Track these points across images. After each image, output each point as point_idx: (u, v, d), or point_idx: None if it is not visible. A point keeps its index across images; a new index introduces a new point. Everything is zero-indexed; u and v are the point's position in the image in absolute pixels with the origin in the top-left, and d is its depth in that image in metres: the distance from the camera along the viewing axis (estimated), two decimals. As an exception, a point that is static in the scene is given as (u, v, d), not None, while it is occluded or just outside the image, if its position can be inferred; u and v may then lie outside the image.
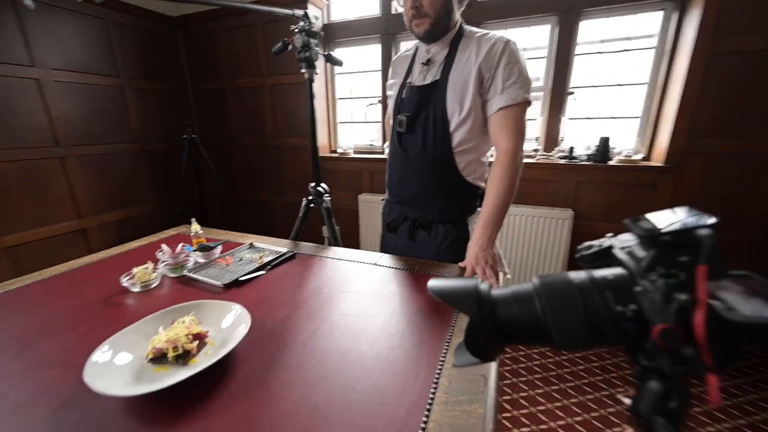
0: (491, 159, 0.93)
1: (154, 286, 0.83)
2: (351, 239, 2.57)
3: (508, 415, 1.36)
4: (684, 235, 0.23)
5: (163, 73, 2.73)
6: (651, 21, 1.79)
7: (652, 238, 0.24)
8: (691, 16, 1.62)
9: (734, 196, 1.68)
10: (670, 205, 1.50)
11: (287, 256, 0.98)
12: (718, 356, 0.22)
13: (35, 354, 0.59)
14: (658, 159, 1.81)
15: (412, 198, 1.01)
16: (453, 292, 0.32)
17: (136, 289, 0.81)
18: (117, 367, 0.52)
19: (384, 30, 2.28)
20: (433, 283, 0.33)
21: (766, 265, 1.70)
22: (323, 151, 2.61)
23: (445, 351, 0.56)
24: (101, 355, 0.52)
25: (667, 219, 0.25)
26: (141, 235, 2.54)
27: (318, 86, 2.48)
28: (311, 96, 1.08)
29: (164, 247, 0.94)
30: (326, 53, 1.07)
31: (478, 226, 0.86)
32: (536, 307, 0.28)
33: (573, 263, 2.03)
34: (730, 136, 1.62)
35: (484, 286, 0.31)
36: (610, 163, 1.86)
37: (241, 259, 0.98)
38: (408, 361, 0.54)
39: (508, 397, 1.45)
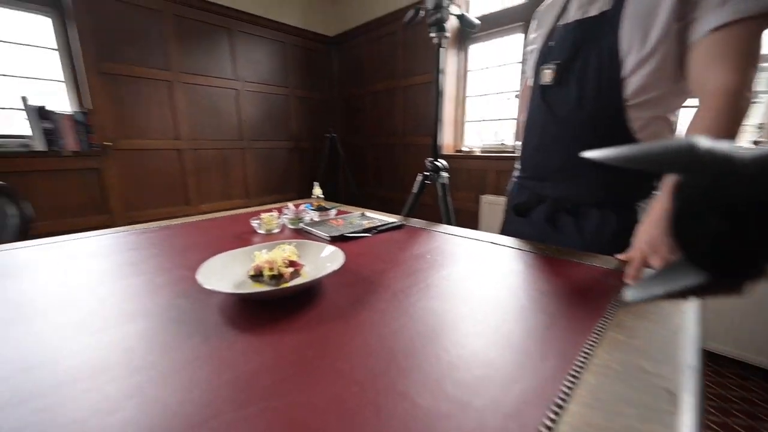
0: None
1: (275, 231, 0.90)
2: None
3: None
4: None
5: (319, 83, 3.22)
6: None
7: None
8: None
9: None
10: None
11: (395, 225, 0.93)
12: None
13: (180, 260, 0.69)
14: None
15: (555, 171, 0.79)
16: (657, 152, 0.17)
17: (261, 231, 0.89)
18: (223, 275, 0.54)
19: (528, 18, 2.06)
20: (610, 151, 0.19)
21: None
22: (447, 150, 2.53)
23: (591, 344, 0.38)
24: (214, 261, 0.56)
25: None
26: None
27: (449, 85, 2.44)
28: (437, 63, 1.01)
29: (290, 205, 1.03)
30: (460, 14, 0.99)
31: (660, 198, 0.59)
32: None
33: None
34: None
35: (708, 144, 0.15)
36: None
37: (351, 223, 0.98)
38: (528, 341, 0.38)
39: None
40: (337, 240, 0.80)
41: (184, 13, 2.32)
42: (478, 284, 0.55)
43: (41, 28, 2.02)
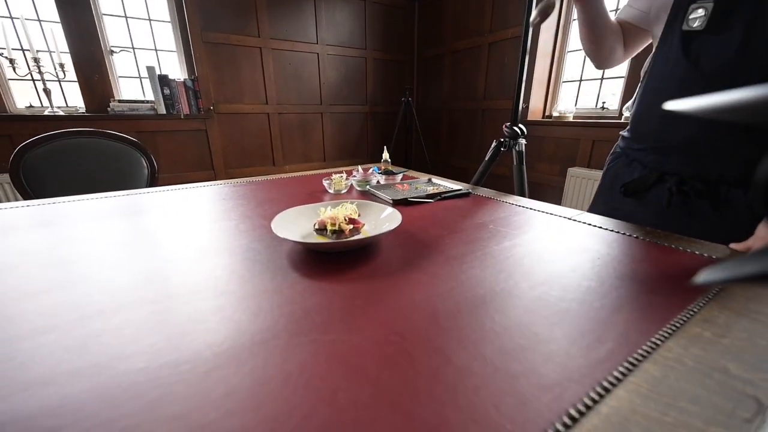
0: None
1: (343, 191, 0.95)
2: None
3: None
4: None
5: (398, 43, 3.12)
6: None
7: None
8: None
9: None
10: None
11: (461, 192, 0.90)
12: None
13: (260, 211, 0.78)
14: None
15: (692, 143, 0.65)
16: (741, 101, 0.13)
17: (330, 191, 0.95)
18: (293, 226, 0.60)
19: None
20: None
21: None
22: (534, 116, 2.28)
23: (664, 335, 0.33)
24: (286, 214, 0.63)
25: None
26: None
27: (544, 38, 2.14)
28: (529, 6, 0.89)
29: (359, 168, 1.07)
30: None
31: None
32: None
33: None
34: None
35: None
36: None
37: (416, 188, 0.98)
38: (586, 321, 0.35)
39: None
40: (399, 204, 0.82)
41: (273, -21, 2.42)
42: (541, 259, 0.51)
43: (155, 2, 2.32)
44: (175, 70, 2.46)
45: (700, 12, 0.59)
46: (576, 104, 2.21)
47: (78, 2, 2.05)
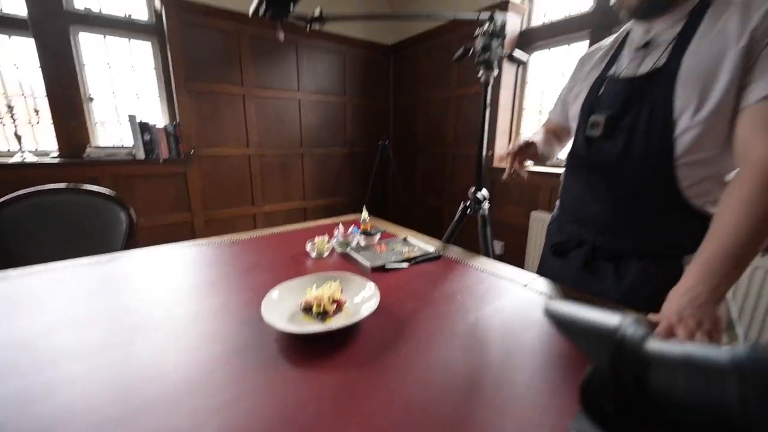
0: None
1: (325, 255, 1.02)
2: (516, 259, 2.34)
3: None
4: None
5: (375, 90, 3.33)
6: None
7: None
8: None
9: None
10: None
11: (432, 256, 0.99)
12: None
13: (248, 282, 0.83)
14: None
15: (596, 218, 0.80)
16: (580, 324, 0.23)
17: (313, 255, 1.02)
18: (282, 306, 0.66)
19: (597, 24, 1.94)
20: (554, 306, 0.25)
21: None
22: (500, 162, 2.49)
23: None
24: (274, 293, 0.69)
25: None
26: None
27: (505, 96, 2.39)
28: (485, 99, 1.04)
29: (340, 226, 1.15)
30: (509, 53, 1.01)
31: (692, 266, 0.57)
32: (728, 390, 0.16)
33: None
34: None
35: (632, 330, 0.20)
36: None
37: (393, 249, 1.06)
38: (537, 408, 0.43)
39: None
40: (377, 270, 0.90)
41: (260, 34, 2.58)
42: (500, 335, 0.60)
43: (139, 53, 2.40)
44: (157, 115, 2.50)
45: (598, 121, 0.74)
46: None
47: (60, 51, 2.09)
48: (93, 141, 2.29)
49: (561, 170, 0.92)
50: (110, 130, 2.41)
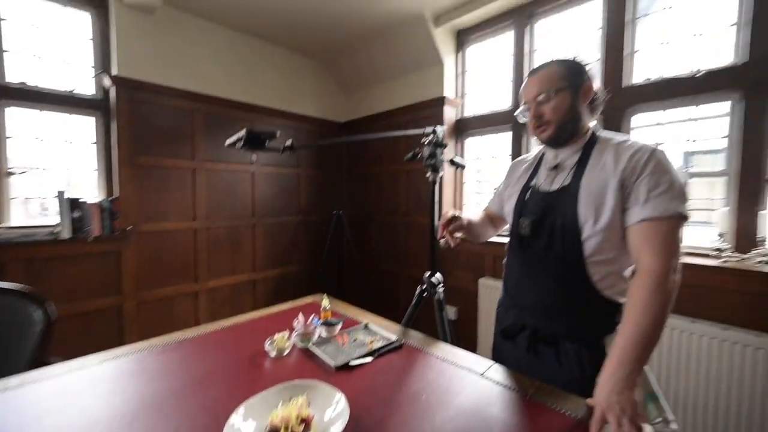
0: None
1: (286, 353, 0.99)
2: (468, 322, 2.43)
3: None
4: None
5: (328, 162, 3.51)
6: None
7: None
8: None
9: None
10: None
11: (395, 345, 1.02)
12: None
13: (202, 399, 0.77)
14: None
15: (533, 305, 0.92)
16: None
17: (273, 354, 0.98)
18: (246, 426, 0.63)
19: (513, 120, 2.35)
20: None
21: None
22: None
23: None
24: (236, 418, 0.65)
25: None
26: (292, 288, 3.04)
27: (449, 172, 2.68)
28: (433, 196, 1.19)
29: (300, 317, 1.13)
30: (450, 159, 1.19)
31: (611, 357, 0.69)
32: None
33: (810, 429, 1.33)
34: None
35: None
36: None
37: (354, 340, 1.07)
38: None
39: None
40: (342, 369, 0.89)
41: (213, 111, 2.66)
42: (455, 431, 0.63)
43: (77, 125, 2.31)
44: (92, 190, 2.33)
45: (526, 224, 0.90)
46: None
47: (-18, 125, 1.93)
48: (5, 220, 2.03)
49: (504, 241, 1.04)
50: (33, 208, 2.17)
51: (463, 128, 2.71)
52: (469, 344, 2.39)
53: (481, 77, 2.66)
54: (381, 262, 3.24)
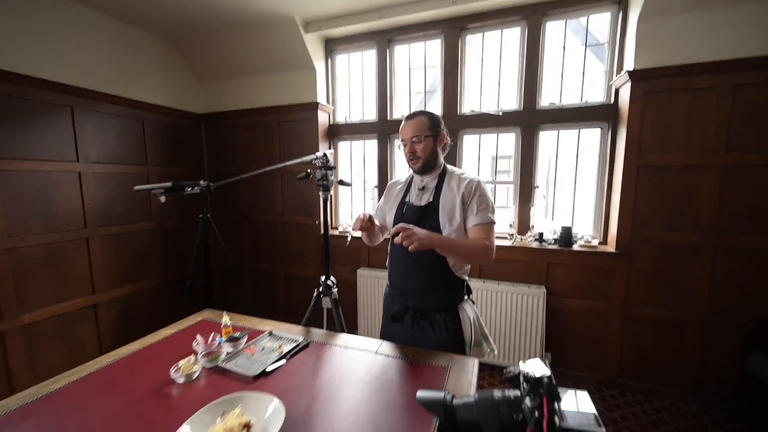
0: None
1: (195, 377, 1.01)
2: (349, 309, 2.73)
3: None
4: (538, 380, 0.47)
5: (185, 159, 3.11)
6: (593, 135, 2.25)
7: (527, 379, 0.48)
8: (620, 136, 2.06)
9: (678, 278, 1.97)
10: (628, 286, 1.74)
11: (302, 345, 1.18)
12: (558, 445, 0.44)
13: (115, 442, 0.75)
14: (611, 245, 2.13)
15: (414, 290, 1.24)
16: (430, 402, 0.54)
17: (181, 381, 0.98)
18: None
19: (381, 131, 2.73)
20: (419, 395, 0.56)
21: (713, 337, 1.93)
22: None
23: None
24: (177, 443, 0.70)
25: (535, 368, 0.49)
26: (145, 309, 2.70)
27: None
28: (325, 211, 1.37)
29: (199, 337, 1.13)
30: (339, 180, 1.40)
31: (435, 235, 1.09)
32: (475, 413, 0.50)
33: (549, 337, 2.23)
34: (667, 229, 1.96)
35: (448, 398, 0.54)
36: (574, 247, 2.17)
37: (263, 348, 1.17)
38: (404, 444, 0.73)
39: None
40: (260, 377, 1.00)
41: (10, 92, 1.98)
42: (372, 405, 0.87)
43: None
44: None
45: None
46: (352, 218, 3.03)
47: None
48: None
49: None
50: None
51: (335, 133, 2.93)
52: (352, 325, 2.71)
53: (350, 86, 2.91)
54: (258, 262, 3.18)
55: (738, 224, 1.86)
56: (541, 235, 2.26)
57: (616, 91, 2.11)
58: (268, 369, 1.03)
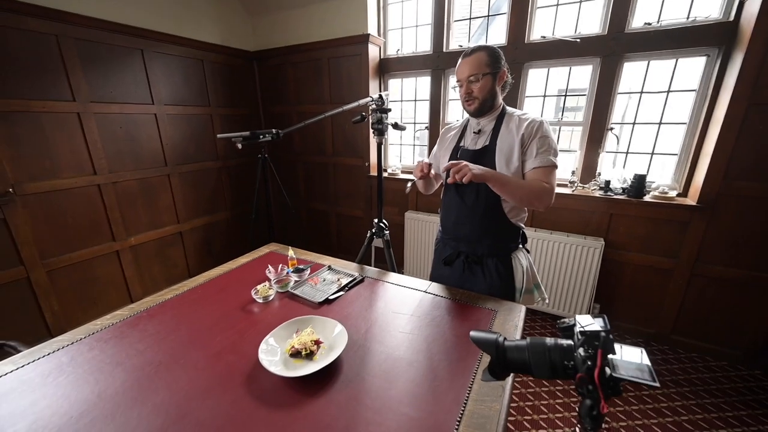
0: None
1: (271, 299, 1.19)
2: (397, 250, 2.87)
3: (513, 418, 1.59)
4: (594, 333, 0.49)
5: (242, 99, 3.22)
6: (694, 65, 1.87)
7: (583, 333, 0.50)
8: (732, 66, 1.69)
9: (762, 238, 1.74)
10: (703, 241, 1.60)
11: (358, 280, 1.30)
12: (605, 393, 0.48)
13: (217, 344, 0.95)
14: (692, 197, 1.89)
15: (466, 236, 1.25)
16: (483, 341, 0.59)
17: (259, 300, 1.17)
18: (273, 357, 0.85)
19: (435, 66, 2.53)
20: (473, 334, 0.61)
21: (805, 305, 1.73)
22: (374, 171, 2.93)
23: (476, 367, 0.83)
24: (263, 347, 0.87)
25: (588, 321, 0.51)
26: (223, 237, 3.04)
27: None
28: (379, 154, 1.38)
29: (270, 267, 1.30)
30: (394, 122, 1.37)
31: (491, 171, 1.06)
32: (526, 355, 0.55)
33: (602, 289, 2.17)
34: (764, 181, 1.68)
35: (500, 339, 0.58)
36: (645, 198, 1.97)
37: (324, 280, 1.31)
38: (452, 370, 0.82)
39: (515, 405, 1.67)
40: (323, 303, 1.14)
41: (88, 36, 2.13)
42: (423, 335, 0.97)
43: None
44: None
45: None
46: (400, 161, 3.01)
47: None
48: None
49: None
50: None
51: (386, 69, 2.78)
52: (399, 265, 2.88)
53: (403, 12, 2.66)
54: (311, 201, 3.38)
55: None
56: (607, 183, 2.08)
57: (740, 5, 1.67)
58: (330, 298, 1.17)
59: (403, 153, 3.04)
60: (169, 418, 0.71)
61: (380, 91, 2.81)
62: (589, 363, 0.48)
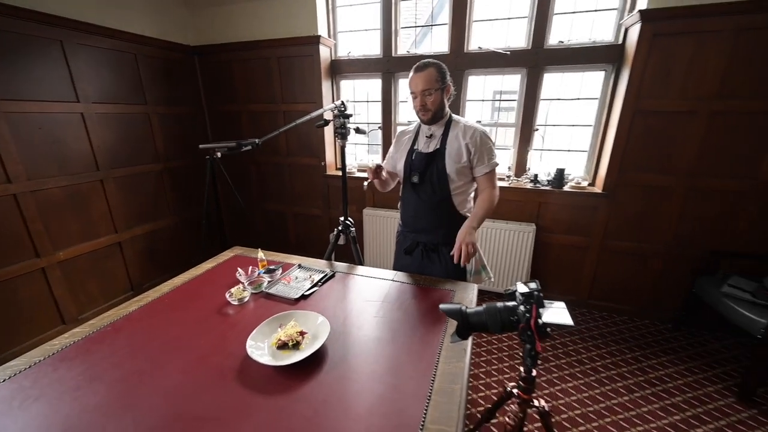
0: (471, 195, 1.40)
1: (246, 300, 1.23)
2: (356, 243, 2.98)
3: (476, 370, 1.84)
4: (529, 293, 0.67)
5: (183, 96, 3.03)
6: (596, 78, 2.27)
7: (522, 293, 0.68)
8: (622, 80, 2.10)
9: (650, 216, 2.20)
10: (608, 223, 1.98)
11: (330, 275, 1.39)
12: (540, 335, 0.66)
13: (199, 348, 0.98)
14: (599, 186, 2.31)
15: (423, 228, 1.43)
16: (451, 310, 0.75)
17: (234, 303, 1.20)
18: (261, 351, 0.92)
19: (385, 69, 2.67)
20: (442, 306, 0.76)
21: (672, 265, 2.24)
22: (330, 170, 2.99)
23: (442, 337, 1.00)
24: (250, 342, 0.93)
25: (526, 287, 0.69)
26: (169, 244, 2.91)
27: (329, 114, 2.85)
28: (343, 157, 1.48)
29: (240, 270, 1.34)
30: (355, 127, 1.48)
31: (469, 219, 1.27)
32: (483, 317, 0.71)
33: (535, 266, 2.53)
34: (647, 171, 2.13)
35: (464, 308, 0.74)
36: (565, 188, 2.34)
37: (296, 278, 1.39)
38: (422, 342, 0.97)
39: (483, 370, 1.93)
40: (299, 300, 1.22)
41: (4, 26, 1.87)
42: (395, 318, 1.11)
43: None
44: None
45: (416, 176, 1.36)
46: (356, 160, 3.11)
47: None
48: None
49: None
50: None
51: (338, 71, 2.85)
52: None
53: (352, 16, 2.74)
54: (267, 201, 3.32)
55: (714, 168, 2.03)
56: (536, 176, 2.42)
57: (625, 32, 2.08)
58: (306, 293, 1.25)
59: (357, 152, 3.14)
60: (168, 417, 0.75)
61: (332, 91, 2.89)
62: (527, 315, 0.66)
